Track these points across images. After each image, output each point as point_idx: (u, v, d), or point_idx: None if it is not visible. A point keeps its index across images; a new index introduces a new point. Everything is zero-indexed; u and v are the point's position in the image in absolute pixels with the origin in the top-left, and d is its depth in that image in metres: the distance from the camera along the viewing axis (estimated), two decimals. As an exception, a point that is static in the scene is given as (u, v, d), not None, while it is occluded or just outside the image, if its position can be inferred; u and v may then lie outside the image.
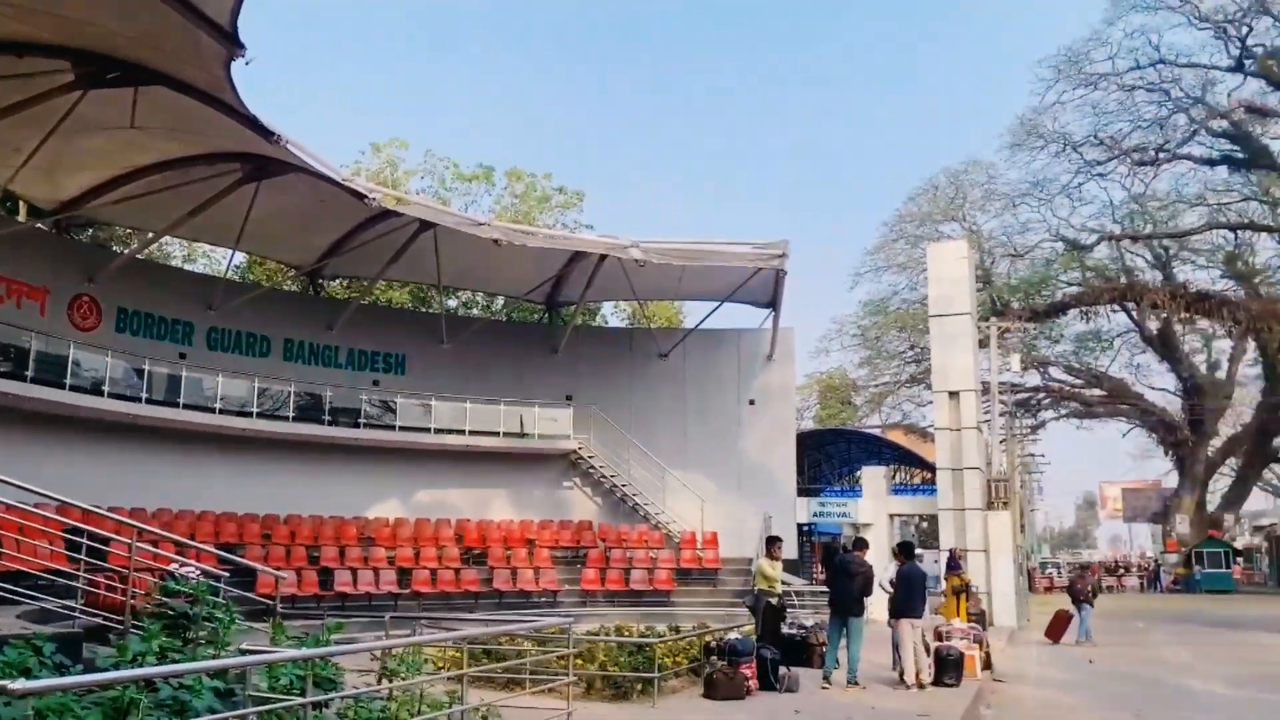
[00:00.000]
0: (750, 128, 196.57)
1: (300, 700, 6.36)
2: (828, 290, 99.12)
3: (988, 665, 14.65)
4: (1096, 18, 55.01)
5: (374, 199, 19.98)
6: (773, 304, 26.46)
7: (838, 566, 12.91)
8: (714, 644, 12.34)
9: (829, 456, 44.01)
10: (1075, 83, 46.36)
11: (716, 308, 27.81)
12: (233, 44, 13.56)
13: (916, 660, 12.36)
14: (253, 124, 16.23)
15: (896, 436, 53.34)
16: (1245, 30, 43.25)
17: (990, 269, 49.51)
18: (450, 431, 24.68)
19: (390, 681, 8.40)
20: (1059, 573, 54.65)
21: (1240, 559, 52.25)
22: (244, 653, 7.53)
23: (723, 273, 24.83)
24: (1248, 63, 43.57)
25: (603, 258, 24.31)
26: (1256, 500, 72.03)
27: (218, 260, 31.30)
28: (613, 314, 39.11)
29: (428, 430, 24.46)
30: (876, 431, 53.00)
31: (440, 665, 11.21)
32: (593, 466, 26.05)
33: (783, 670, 12.19)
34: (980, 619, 18.24)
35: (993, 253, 50.48)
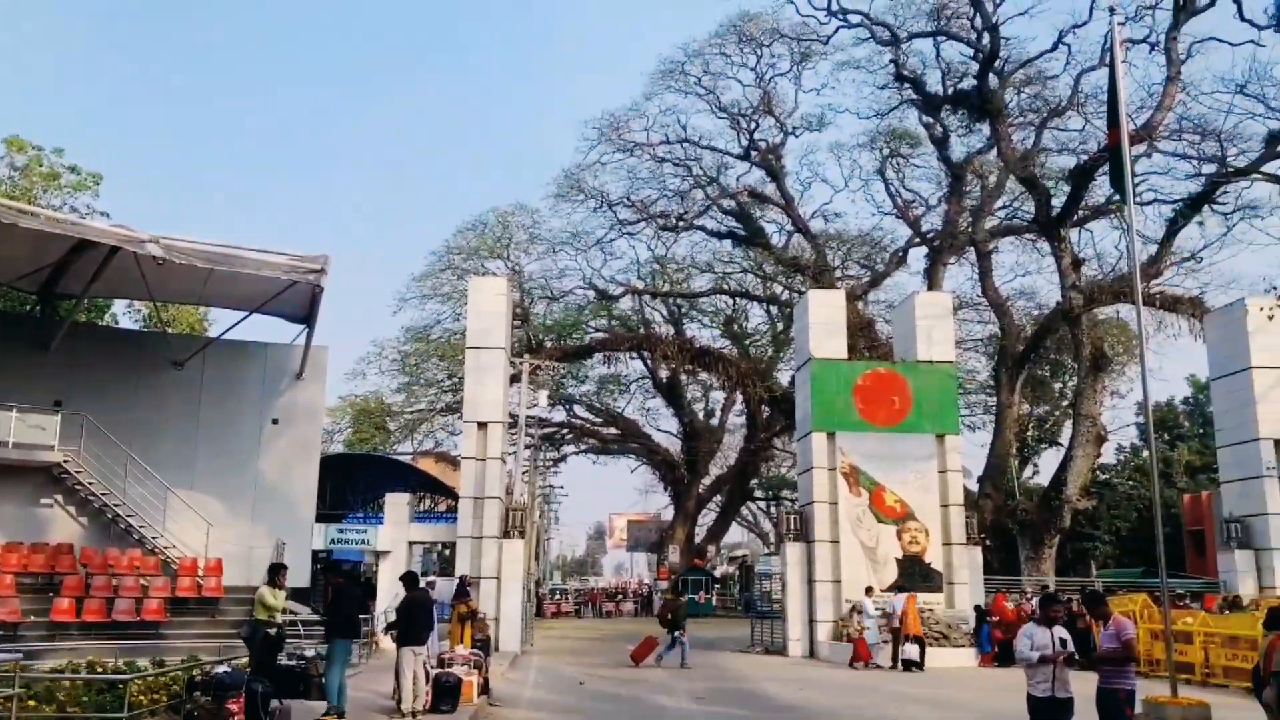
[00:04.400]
0: (307, 141, 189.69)
1: None
2: (370, 312, 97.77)
3: (485, 690, 15.17)
4: (639, 91, 60.46)
5: None
6: (307, 320, 25.39)
7: (335, 593, 12.95)
8: (200, 678, 11.46)
9: (355, 481, 43.02)
10: (615, 147, 50.34)
11: (245, 318, 26.05)
12: None
13: (415, 687, 12.46)
14: None
15: (427, 464, 53.74)
16: (754, 125, 50.05)
17: (529, 308, 51.89)
18: (-107, 434, 20.62)
19: None
20: (566, 598, 58.23)
21: (719, 585, 59.26)
22: None
23: (254, 281, 23.31)
24: (753, 154, 50.38)
25: (115, 250, 21.76)
26: (734, 534, 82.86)
27: None
28: (125, 314, 35.24)
29: None
30: (407, 458, 52.95)
31: None
32: (80, 483, 23.02)
33: (274, 704, 11.64)
34: (485, 645, 18.83)
35: (532, 293, 52.97)
